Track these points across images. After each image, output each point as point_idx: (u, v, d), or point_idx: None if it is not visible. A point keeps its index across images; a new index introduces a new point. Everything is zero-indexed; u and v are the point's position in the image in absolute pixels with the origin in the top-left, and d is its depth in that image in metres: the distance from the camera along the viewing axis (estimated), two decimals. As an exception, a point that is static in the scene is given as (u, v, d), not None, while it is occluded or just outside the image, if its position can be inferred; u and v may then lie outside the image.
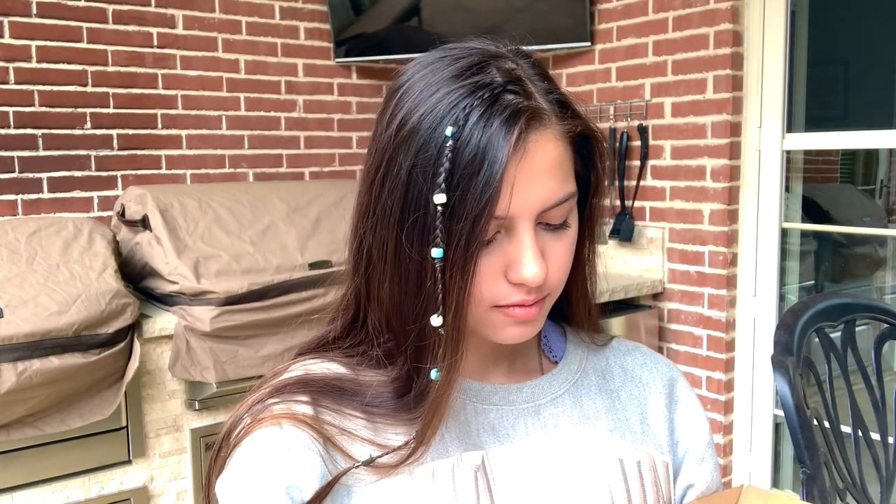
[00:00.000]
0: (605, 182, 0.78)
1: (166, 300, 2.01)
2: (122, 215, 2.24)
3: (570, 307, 0.71)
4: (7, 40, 2.23)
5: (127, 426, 1.90)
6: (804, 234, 2.57)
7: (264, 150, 2.73)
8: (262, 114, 2.72)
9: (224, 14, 2.61)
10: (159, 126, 2.51)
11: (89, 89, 2.37)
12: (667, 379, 0.74)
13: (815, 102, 2.41)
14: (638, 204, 2.56)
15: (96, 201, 2.40)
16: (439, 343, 0.56)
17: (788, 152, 2.34)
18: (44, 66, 2.29)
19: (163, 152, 2.52)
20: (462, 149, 0.53)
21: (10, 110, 2.25)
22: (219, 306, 1.91)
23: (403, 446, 0.58)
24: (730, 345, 2.41)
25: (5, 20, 2.23)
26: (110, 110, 2.41)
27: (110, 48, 2.40)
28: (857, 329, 1.38)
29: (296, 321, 1.99)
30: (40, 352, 1.66)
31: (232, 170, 2.67)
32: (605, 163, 0.65)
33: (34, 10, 2.26)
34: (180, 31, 2.53)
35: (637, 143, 2.53)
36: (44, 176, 2.31)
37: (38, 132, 2.30)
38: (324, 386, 0.61)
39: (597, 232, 0.67)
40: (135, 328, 1.86)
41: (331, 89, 2.87)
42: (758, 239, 2.36)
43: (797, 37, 2.35)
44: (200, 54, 2.57)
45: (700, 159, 2.38)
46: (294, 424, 0.58)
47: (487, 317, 0.60)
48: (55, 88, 2.31)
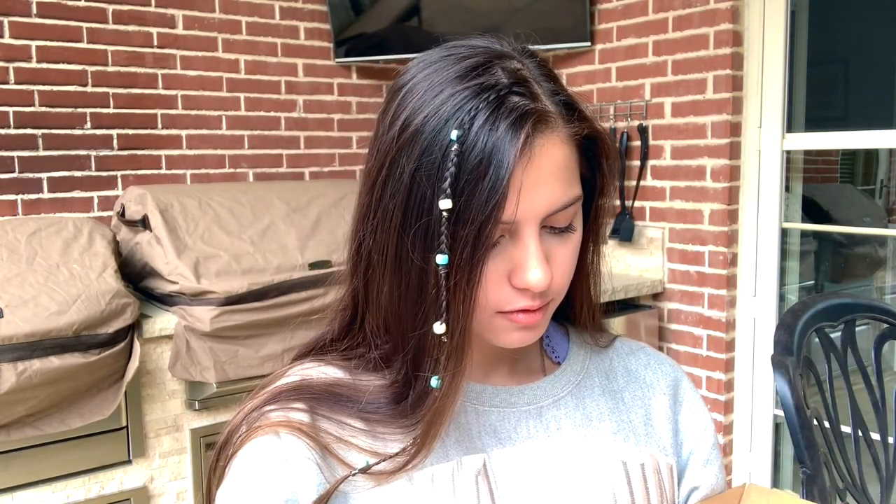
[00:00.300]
0: (616, 183, 0.77)
1: (166, 300, 2.01)
2: (122, 215, 2.23)
3: (574, 308, 0.70)
4: (7, 40, 2.23)
5: (127, 426, 1.90)
6: (804, 234, 2.57)
7: (264, 150, 2.73)
8: (262, 114, 2.72)
9: (224, 14, 2.61)
10: (159, 126, 2.51)
11: (89, 89, 2.37)
12: (671, 379, 0.73)
13: (815, 102, 2.41)
14: (638, 204, 2.56)
15: (96, 201, 2.40)
16: (442, 351, 0.55)
17: (788, 152, 2.34)
18: (44, 66, 2.29)
19: (163, 152, 2.52)
20: (468, 153, 0.52)
21: (10, 110, 2.24)
22: (219, 306, 1.91)
23: (402, 452, 0.57)
24: (730, 345, 2.41)
25: (5, 20, 2.22)
26: (110, 110, 2.41)
27: (110, 48, 2.40)
28: (857, 329, 1.38)
29: (296, 321, 1.99)
30: (40, 352, 1.66)
31: (232, 170, 2.67)
32: (614, 164, 0.63)
33: (34, 10, 2.26)
34: (180, 31, 2.52)
35: (637, 143, 2.53)
36: (44, 176, 2.31)
37: (38, 132, 2.30)
38: (321, 392, 0.60)
39: (601, 234, 0.66)
40: (135, 328, 1.86)
41: (331, 89, 2.87)
42: (758, 239, 2.36)
43: (797, 37, 2.35)
44: (200, 54, 2.57)
45: (700, 159, 2.38)
46: (291, 433, 0.57)
47: (490, 322, 0.59)
48: (55, 88, 2.31)
